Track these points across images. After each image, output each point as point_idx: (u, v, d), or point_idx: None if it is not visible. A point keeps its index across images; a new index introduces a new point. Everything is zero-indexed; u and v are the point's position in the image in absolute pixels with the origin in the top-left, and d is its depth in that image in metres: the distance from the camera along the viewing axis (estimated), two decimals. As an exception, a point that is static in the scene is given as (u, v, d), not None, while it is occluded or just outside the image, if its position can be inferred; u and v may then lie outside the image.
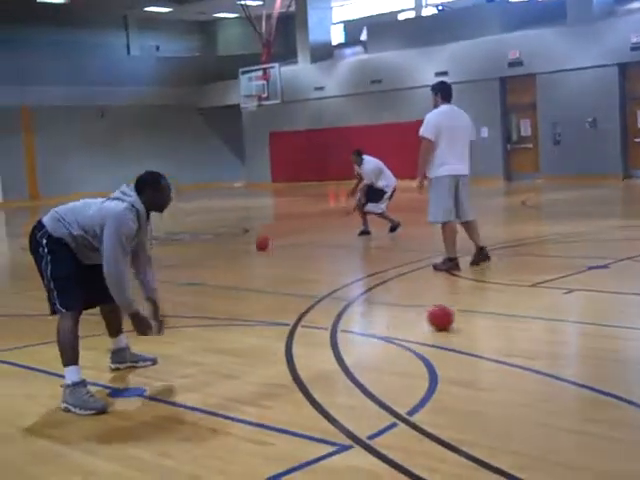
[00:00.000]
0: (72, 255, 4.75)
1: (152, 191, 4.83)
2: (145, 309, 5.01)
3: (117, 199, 4.79)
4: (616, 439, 3.72)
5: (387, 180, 12.21)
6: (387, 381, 4.81)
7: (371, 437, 3.82)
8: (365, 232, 12.16)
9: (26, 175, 27.15)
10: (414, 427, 3.93)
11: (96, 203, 4.87)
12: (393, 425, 3.98)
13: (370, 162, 12.23)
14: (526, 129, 22.97)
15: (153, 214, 5.00)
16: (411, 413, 4.11)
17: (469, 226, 8.62)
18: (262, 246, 11.10)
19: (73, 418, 4.44)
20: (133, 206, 4.75)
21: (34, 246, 4.78)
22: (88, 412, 4.47)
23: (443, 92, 8.55)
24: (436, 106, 8.54)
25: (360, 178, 12.39)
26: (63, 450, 4.02)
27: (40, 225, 4.79)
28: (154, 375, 5.17)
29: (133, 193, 4.81)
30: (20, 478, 3.75)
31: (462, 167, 8.53)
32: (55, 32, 29.90)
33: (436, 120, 8.39)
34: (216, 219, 17.44)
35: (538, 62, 21.90)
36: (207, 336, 6.28)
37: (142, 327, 4.88)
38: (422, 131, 8.40)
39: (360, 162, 12.25)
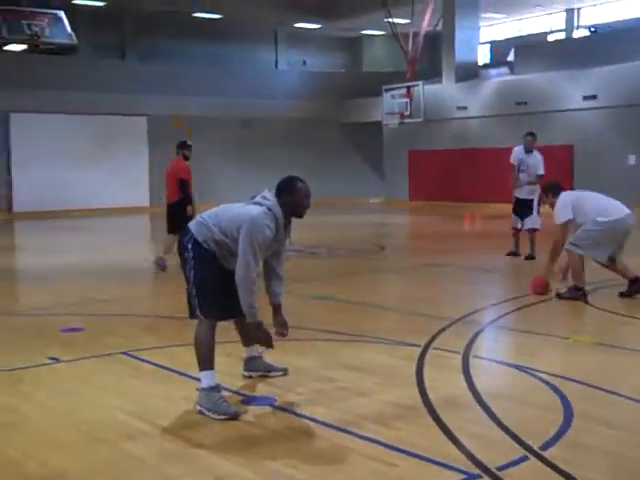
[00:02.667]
0: (216, 263, 4.84)
1: (287, 195, 4.83)
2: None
3: (257, 203, 4.84)
4: None
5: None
6: (520, 411, 4.70)
7: (501, 468, 3.75)
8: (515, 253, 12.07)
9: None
10: (546, 462, 3.82)
11: (235, 207, 4.95)
12: (524, 458, 3.88)
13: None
14: (679, 158, 21.92)
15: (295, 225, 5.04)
16: (544, 447, 4.00)
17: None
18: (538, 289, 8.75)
19: (207, 421, 4.58)
20: (270, 210, 4.75)
21: (180, 250, 4.92)
22: (221, 417, 4.59)
23: (554, 190, 8.63)
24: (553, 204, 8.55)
25: None
26: (197, 452, 4.15)
27: (187, 230, 4.92)
28: (285, 386, 5.26)
29: (272, 197, 4.83)
30: (154, 476, 3.89)
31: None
32: (209, 46, 31.10)
33: (565, 202, 8.42)
34: (353, 235, 17.55)
35: (696, 88, 20.87)
36: (337, 351, 6.32)
37: (262, 339, 4.93)
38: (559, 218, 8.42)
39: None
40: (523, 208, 12.08)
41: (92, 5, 27.61)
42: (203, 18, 30.01)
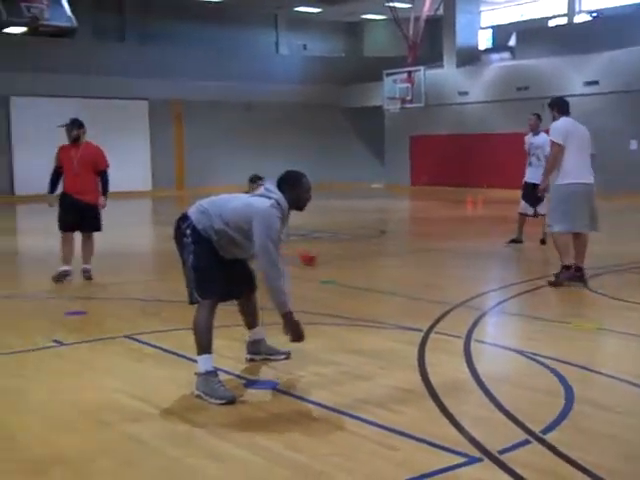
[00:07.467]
0: (214, 250, 4.88)
1: (290, 189, 4.93)
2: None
3: (262, 196, 4.90)
4: None
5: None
6: (521, 395, 4.71)
7: (502, 452, 3.76)
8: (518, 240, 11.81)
9: (174, 165, 28.24)
10: (547, 446, 3.84)
11: (239, 198, 4.99)
12: (526, 442, 3.90)
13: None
14: (680, 144, 21.89)
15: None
16: (545, 431, 4.02)
17: (581, 240, 8.39)
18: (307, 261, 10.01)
19: (208, 404, 4.60)
20: (279, 203, 4.85)
21: (178, 236, 4.95)
22: (218, 401, 4.60)
23: (560, 107, 8.58)
24: (555, 120, 8.53)
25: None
26: (199, 434, 4.17)
27: (185, 217, 4.94)
28: (288, 369, 5.28)
29: (277, 191, 4.91)
30: (156, 457, 3.91)
31: (590, 176, 8.40)
32: (208, 29, 30.93)
33: (563, 126, 8.38)
34: (354, 219, 17.54)
35: (698, 74, 20.81)
36: (340, 335, 6.35)
37: (295, 331, 4.93)
38: (551, 136, 8.42)
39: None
40: (534, 193, 10.88)
41: (92, -13, 27.49)
42: (204, 1, 29.86)
